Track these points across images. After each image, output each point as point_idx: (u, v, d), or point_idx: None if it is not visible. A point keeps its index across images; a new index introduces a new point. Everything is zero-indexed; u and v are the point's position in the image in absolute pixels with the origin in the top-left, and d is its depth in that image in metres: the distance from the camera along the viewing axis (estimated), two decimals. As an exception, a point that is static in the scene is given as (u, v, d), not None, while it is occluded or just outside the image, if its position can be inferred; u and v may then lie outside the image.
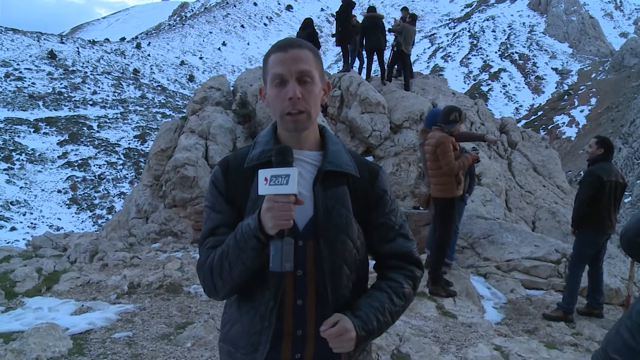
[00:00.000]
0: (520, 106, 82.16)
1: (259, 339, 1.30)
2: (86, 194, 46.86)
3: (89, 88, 74.42)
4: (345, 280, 1.32)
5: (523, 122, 58.95)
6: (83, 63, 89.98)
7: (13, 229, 38.60)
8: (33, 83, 71.22)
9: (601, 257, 5.09)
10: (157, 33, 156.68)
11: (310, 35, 11.08)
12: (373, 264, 1.47)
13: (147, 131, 59.44)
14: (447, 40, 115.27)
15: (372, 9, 11.73)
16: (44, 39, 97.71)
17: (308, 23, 11.75)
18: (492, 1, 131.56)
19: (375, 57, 11.67)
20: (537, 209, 9.87)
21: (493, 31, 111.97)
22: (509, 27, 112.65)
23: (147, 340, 3.73)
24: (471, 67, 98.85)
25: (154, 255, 6.68)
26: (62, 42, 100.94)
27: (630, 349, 1.58)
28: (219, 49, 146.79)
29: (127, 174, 50.97)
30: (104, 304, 4.58)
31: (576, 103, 62.74)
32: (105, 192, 47.31)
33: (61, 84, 73.44)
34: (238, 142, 9.47)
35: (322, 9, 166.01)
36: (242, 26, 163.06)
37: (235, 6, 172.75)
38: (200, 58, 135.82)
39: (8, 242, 31.13)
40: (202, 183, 8.46)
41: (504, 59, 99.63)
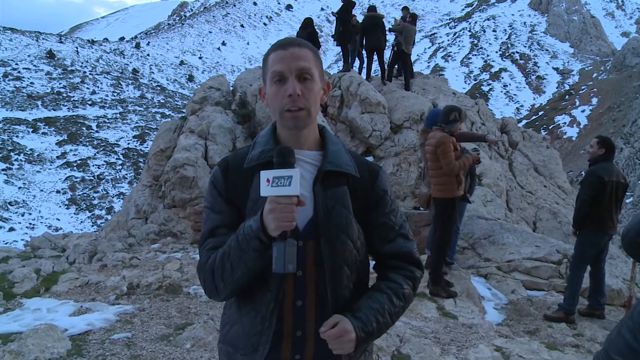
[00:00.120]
0: (521, 106, 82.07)
1: (259, 340, 1.30)
2: (85, 194, 46.84)
3: (87, 88, 74.37)
4: (345, 281, 1.31)
5: (524, 122, 58.96)
6: (82, 63, 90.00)
7: (11, 229, 38.59)
8: (32, 83, 71.18)
9: (603, 258, 5.07)
10: (157, 33, 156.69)
11: (310, 35, 11.06)
12: (373, 264, 1.47)
13: (147, 131, 59.43)
14: (448, 40, 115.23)
15: (373, 9, 11.71)
16: (43, 39, 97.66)
17: (308, 23, 11.73)
18: (492, 1, 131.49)
19: (376, 57, 11.65)
20: (538, 209, 9.85)
21: (494, 31, 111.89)
22: (510, 26, 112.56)
23: (146, 341, 3.72)
24: (472, 66, 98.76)
25: (153, 256, 6.67)
26: (61, 42, 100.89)
27: (632, 350, 1.58)
28: (219, 48, 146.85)
29: (126, 174, 50.97)
30: (103, 304, 4.56)
31: (577, 103, 62.75)
32: (104, 192, 47.30)
33: (60, 83, 73.39)
34: (238, 142, 9.45)
35: (322, 9, 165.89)
36: (242, 26, 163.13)
37: (234, 6, 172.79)
38: (200, 58, 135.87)
39: (6, 243, 31.17)
40: (201, 183, 8.44)
41: (504, 59, 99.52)
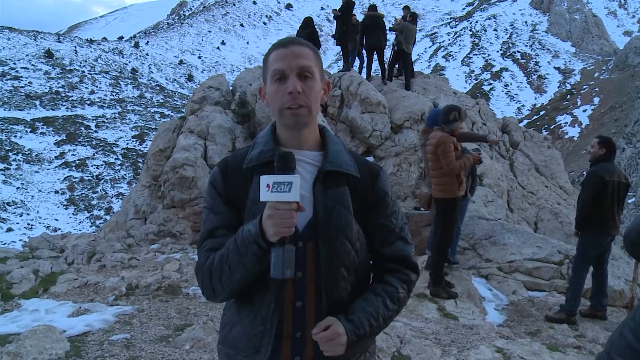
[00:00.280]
0: (522, 106, 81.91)
1: (261, 342, 1.29)
2: (84, 195, 46.71)
3: (86, 87, 74.23)
4: (342, 283, 1.31)
5: (525, 122, 58.82)
6: (80, 62, 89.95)
7: (9, 230, 38.47)
8: (30, 82, 71.00)
9: (606, 259, 5.05)
10: (156, 32, 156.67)
11: (311, 35, 11.04)
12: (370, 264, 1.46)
13: (146, 131, 59.30)
14: (449, 40, 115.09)
15: (373, 8, 11.68)
16: (41, 38, 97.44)
17: (308, 22, 11.71)
18: (493, 0, 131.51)
19: (376, 57, 11.63)
20: (539, 209, 9.82)
21: (495, 30, 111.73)
22: (511, 26, 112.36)
23: (145, 342, 3.70)
24: (473, 66, 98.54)
25: (152, 257, 6.65)
26: (59, 41, 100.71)
27: (633, 351, 1.57)
28: (218, 48, 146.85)
29: (125, 175, 50.86)
30: (102, 305, 4.54)
31: (579, 103, 62.56)
32: (103, 192, 47.17)
33: (58, 83, 73.25)
34: (237, 142, 9.43)
35: (322, 8, 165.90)
36: (242, 25, 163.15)
37: (234, 5, 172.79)
38: (199, 57, 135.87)
39: (4, 244, 31.11)
40: (201, 183, 8.41)
41: (505, 58, 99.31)
